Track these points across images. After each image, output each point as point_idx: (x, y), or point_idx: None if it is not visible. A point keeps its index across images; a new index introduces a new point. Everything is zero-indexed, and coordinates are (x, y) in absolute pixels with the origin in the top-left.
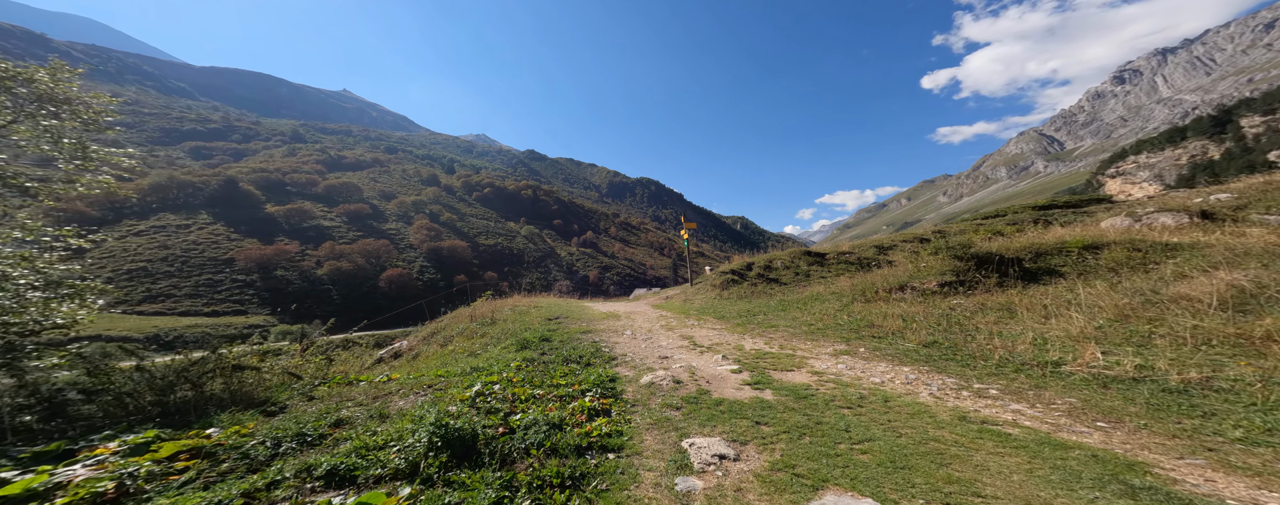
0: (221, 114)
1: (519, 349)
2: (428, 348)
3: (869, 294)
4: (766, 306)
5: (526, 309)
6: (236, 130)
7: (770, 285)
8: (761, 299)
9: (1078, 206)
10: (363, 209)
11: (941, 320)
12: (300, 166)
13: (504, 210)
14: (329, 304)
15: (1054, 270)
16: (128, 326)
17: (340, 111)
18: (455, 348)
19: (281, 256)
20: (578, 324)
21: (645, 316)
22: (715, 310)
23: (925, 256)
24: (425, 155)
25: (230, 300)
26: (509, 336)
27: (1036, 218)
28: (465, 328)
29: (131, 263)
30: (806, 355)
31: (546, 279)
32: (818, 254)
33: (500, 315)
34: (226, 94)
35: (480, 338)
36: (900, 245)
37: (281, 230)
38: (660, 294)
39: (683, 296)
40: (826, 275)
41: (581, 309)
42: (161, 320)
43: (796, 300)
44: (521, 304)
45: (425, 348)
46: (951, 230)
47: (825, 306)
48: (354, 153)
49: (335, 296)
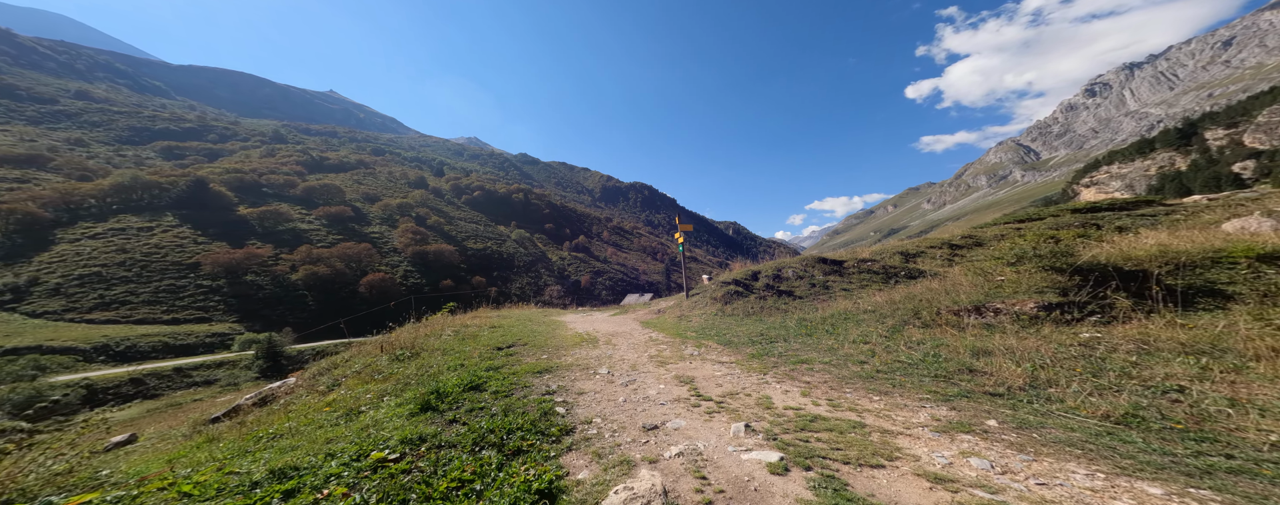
0: (198, 113)
1: (417, 411)
2: (308, 397)
3: (927, 315)
4: (783, 327)
5: (477, 330)
6: (213, 130)
7: (782, 299)
8: (774, 316)
9: (1129, 208)
10: (344, 211)
11: (1087, 365)
12: (279, 167)
13: (494, 214)
14: (303, 310)
15: (1216, 289)
16: (74, 336)
17: (326, 113)
18: (338, 398)
19: (252, 261)
20: (536, 356)
21: (630, 341)
22: (718, 331)
23: (1001, 268)
24: (414, 158)
25: (193, 307)
26: (422, 382)
27: (1084, 221)
28: (367, 364)
29: (84, 267)
30: (886, 426)
31: (537, 284)
32: (834, 262)
33: (430, 344)
34: (206, 93)
35: (382, 381)
36: (928, 252)
37: (254, 233)
38: (652, 306)
39: (678, 310)
40: (849, 287)
41: (551, 330)
42: (114, 329)
43: (820, 320)
44: (476, 323)
45: (305, 395)
46: (987, 235)
47: (864, 330)
48: (338, 154)
49: (310, 302)
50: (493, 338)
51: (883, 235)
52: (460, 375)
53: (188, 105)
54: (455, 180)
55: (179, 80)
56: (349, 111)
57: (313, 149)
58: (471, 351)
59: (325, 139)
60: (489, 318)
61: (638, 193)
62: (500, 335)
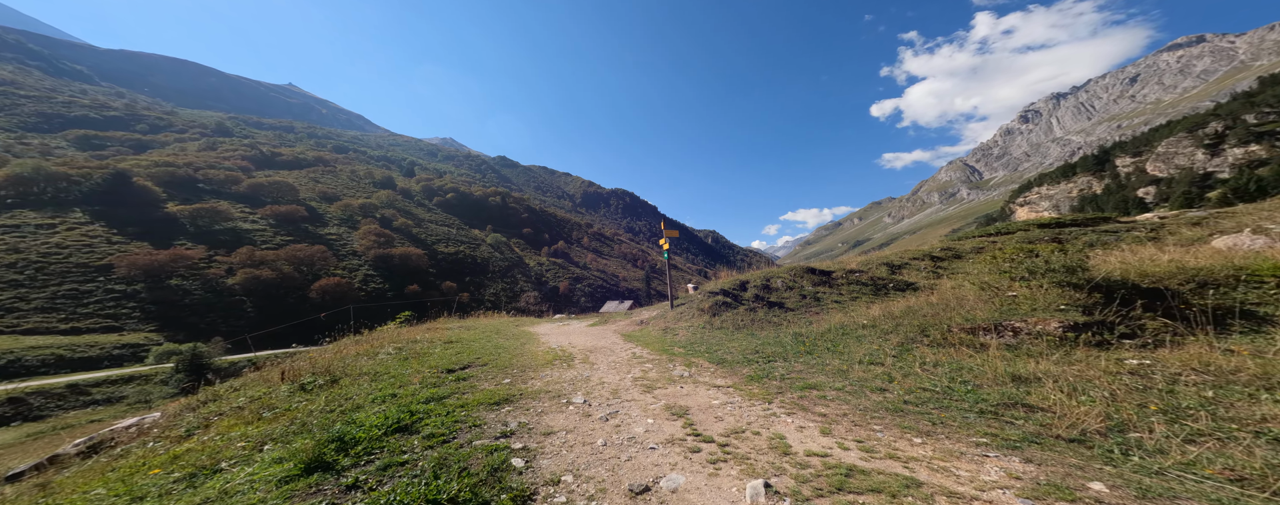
0: (126, 101)
1: (301, 470)
2: (155, 444)
3: (936, 333)
4: (778, 343)
5: (427, 347)
6: (143, 120)
7: (773, 310)
8: (766, 330)
9: (1089, 224)
10: (296, 211)
11: (1161, 401)
12: (220, 162)
13: (469, 217)
14: (241, 318)
15: (1247, 309)
16: None
17: (282, 106)
18: (193, 447)
19: (179, 263)
20: (496, 381)
21: (611, 359)
22: (708, 347)
23: (1012, 283)
24: (381, 157)
25: (101, 315)
26: (325, 424)
27: (1053, 236)
28: (259, 397)
29: None
30: (952, 486)
31: (513, 290)
32: (823, 272)
33: (358, 367)
34: (138, 81)
35: (272, 420)
36: (912, 264)
37: (184, 233)
38: (634, 315)
39: (662, 322)
40: (840, 299)
41: (520, 344)
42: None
43: (818, 335)
44: (429, 337)
45: (150, 442)
46: (965, 248)
47: (870, 349)
48: (293, 150)
49: (250, 309)
50: (445, 356)
51: (850, 246)
52: (386, 411)
53: (115, 92)
54: (427, 181)
55: (107, 65)
56: (309, 106)
57: (263, 144)
58: (412, 376)
59: (280, 134)
60: (447, 330)
61: (619, 199)
62: (456, 353)
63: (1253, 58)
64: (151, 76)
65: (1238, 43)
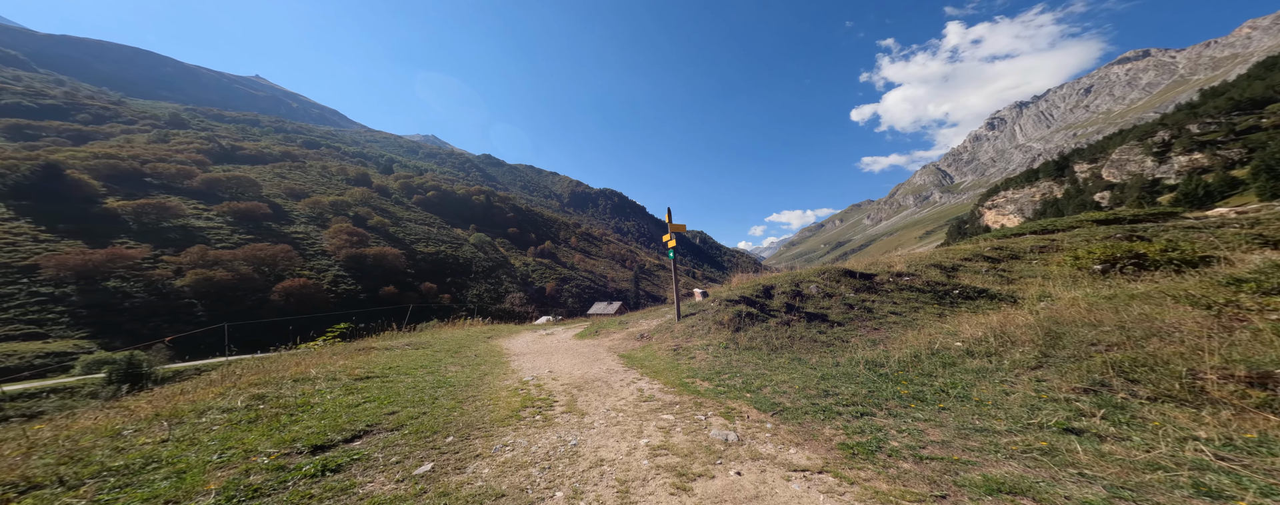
0: (66, 89)
1: None
2: None
3: (1157, 378)
4: (847, 375)
5: (313, 392)
6: (86, 110)
7: (814, 324)
8: (816, 352)
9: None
10: (258, 208)
11: None
12: (171, 155)
13: (451, 216)
14: (190, 322)
15: None
16: None
17: (247, 99)
18: None
19: (118, 263)
20: (403, 471)
21: (610, 402)
22: (746, 380)
23: (1251, 298)
24: (357, 153)
25: (23, 320)
26: None
27: (1127, 233)
28: None
29: None
30: None
31: (498, 291)
32: (864, 275)
33: (133, 444)
34: (83, 68)
35: None
36: (965, 266)
37: (125, 230)
38: (630, 325)
39: (669, 337)
40: (898, 309)
41: (478, 375)
42: None
43: (904, 364)
44: (339, 367)
45: None
46: (1021, 246)
47: (1020, 395)
48: (257, 144)
49: (200, 313)
50: (334, 412)
51: (832, 247)
52: None
53: (54, 80)
54: (406, 179)
55: (46, 51)
56: (278, 99)
57: (223, 137)
58: (212, 476)
59: (243, 127)
60: (388, 350)
61: (608, 199)
62: (360, 401)
63: (1191, 72)
64: (97, 64)
65: (1178, 58)
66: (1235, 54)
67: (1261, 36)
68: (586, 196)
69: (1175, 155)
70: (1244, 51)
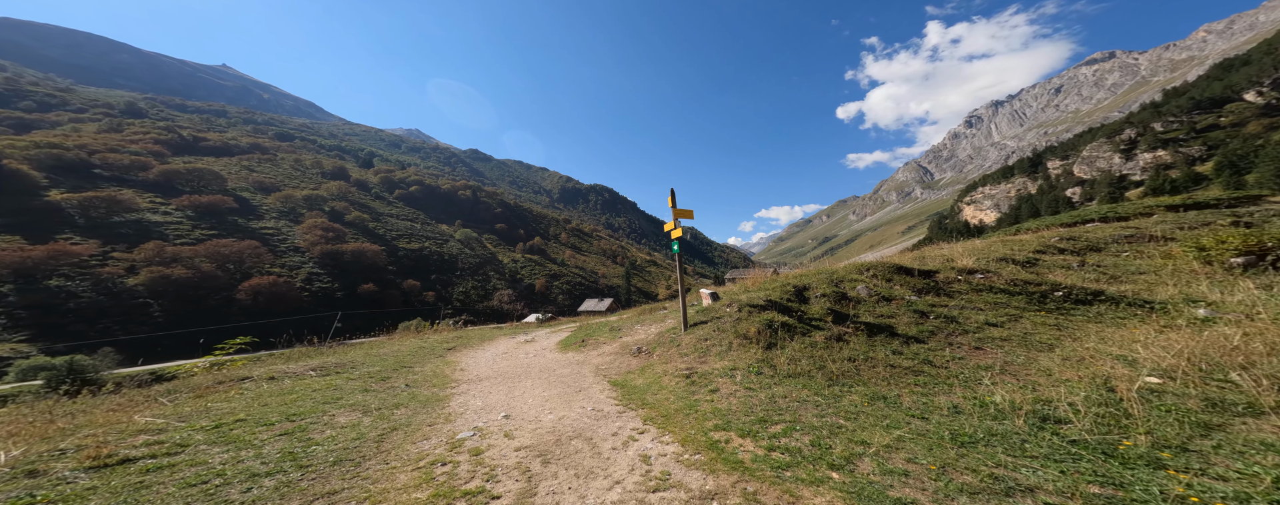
0: (8, 75)
1: None
2: None
3: None
4: (1016, 442)
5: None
6: (30, 96)
7: (876, 339)
8: (904, 387)
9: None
10: (222, 202)
11: None
12: (124, 145)
13: (436, 212)
14: (144, 323)
15: None
16: None
17: (214, 89)
18: None
19: (61, 260)
20: None
21: (596, 482)
22: (815, 437)
23: None
24: (334, 146)
25: None
26: None
27: (1233, 219)
28: None
29: None
30: None
31: (485, 288)
32: (923, 272)
33: None
34: (28, 53)
35: None
36: (1041, 260)
37: (71, 225)
38: (621, 334)
39: (676, 353)
40: (993, 318)
41: (389, 422)
42: None
43: (1110, 421)
44: (112, 424)
45: None
46: (1100, 236)
47: None
48: (223, 135)
49: (157, 313)
50: None
51: (819, 242)
52: None
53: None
54: (388, 173)
55: None
56: (247, 90)
57: (184, 127)
58: None
59: (208, 118)
60: (231, 395)
61: (598, 195)
62: (172, 495)
63: (1152, 73)
64: (45, 50)
65: (1140, 59)
66: (1192, 57)
67: (1216, 40)
68: (577, 192)
69: (1140, 152)
70: (1200, 54)
